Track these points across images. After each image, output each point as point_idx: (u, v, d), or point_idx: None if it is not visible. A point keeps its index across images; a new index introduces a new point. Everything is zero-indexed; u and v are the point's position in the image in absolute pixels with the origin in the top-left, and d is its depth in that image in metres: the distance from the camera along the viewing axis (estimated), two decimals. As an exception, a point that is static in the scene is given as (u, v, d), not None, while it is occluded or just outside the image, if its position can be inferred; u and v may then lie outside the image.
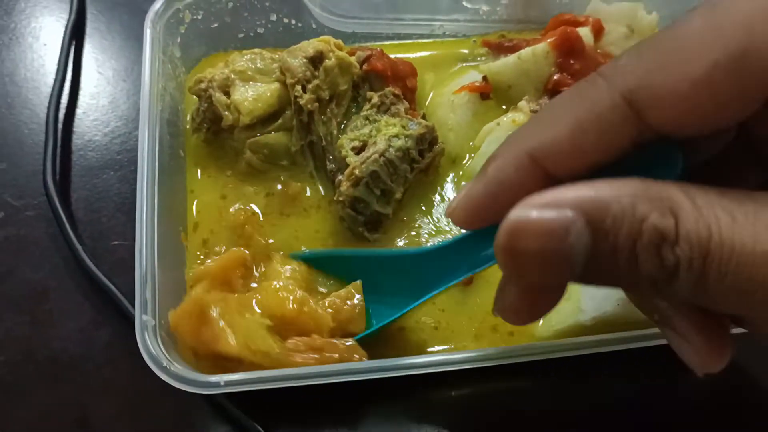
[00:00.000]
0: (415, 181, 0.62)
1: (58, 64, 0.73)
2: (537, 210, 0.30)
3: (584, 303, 0.53)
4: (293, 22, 0.69)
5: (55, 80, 0.71)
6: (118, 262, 0.62)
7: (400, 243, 0.61)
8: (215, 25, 0.67)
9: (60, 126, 0.69)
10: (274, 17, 0.68)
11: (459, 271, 0.46)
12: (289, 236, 0.60)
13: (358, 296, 0.52)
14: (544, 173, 0.32)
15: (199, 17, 0.66)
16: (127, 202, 0.65)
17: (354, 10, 0.71)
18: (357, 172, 0.57)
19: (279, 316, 0.50)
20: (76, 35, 0.76)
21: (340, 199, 0.58)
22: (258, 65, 0.63)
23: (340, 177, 0.59)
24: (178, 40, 0.65)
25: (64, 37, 0.75)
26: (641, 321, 0.52)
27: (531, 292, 0.35)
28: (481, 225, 0.34)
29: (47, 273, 0.62)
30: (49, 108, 0.69)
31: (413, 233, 0.61)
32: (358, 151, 0.60)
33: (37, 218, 0.65)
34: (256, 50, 0.64)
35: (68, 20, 0.76)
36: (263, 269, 0.56)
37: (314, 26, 0.70)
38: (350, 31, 0.71)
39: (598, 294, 0.53)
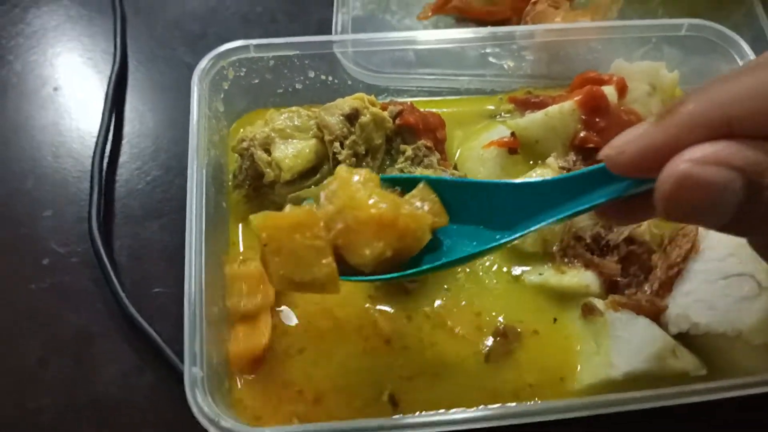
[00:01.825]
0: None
1: (102, 115, 0.76)
2: (705, 165, 0.33)
3: (615, 358, 0.55)
4: (330, 78, 0.72)
5: (100, 130, 0.74)
6: (160, 308, 0.64)
7: (437, 292, 0.62)
8: (256, 81, 0.70)
9: (104, 175, 0.72)
10: (312, 74, 0.72)
11: (557, 211, 0.44)
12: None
13: (431, 193, 0.51)
14: (729, 131, 0.33)
15: (242, 74, 0.69)
16: (168, 250, 0.68)
17: (386, 66, 0.74)
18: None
19: (377, 220, 0.46)
20: (118, 86, 0.79)
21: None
22: (295, 122, 0.66)
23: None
24: (222, 95, 0.68)
25: (107, 89, 0.78)
26: (671, 376, 0.54)
27: None
28: (648, 174, 0.34)
29: (91, 318, 0.64)
30: (94, 157, 0.72)
31: (447, 287, 0.63)
32: (395, 204, 0.62)
33: (82, 265, 0.67)
34: (293, 108, 0.67)
35: (111, 72, 0.79)
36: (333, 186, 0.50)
37: (349, 82, 0.73)
38: (383, 85, 0.75)
39: (629, 349, 0.54)
